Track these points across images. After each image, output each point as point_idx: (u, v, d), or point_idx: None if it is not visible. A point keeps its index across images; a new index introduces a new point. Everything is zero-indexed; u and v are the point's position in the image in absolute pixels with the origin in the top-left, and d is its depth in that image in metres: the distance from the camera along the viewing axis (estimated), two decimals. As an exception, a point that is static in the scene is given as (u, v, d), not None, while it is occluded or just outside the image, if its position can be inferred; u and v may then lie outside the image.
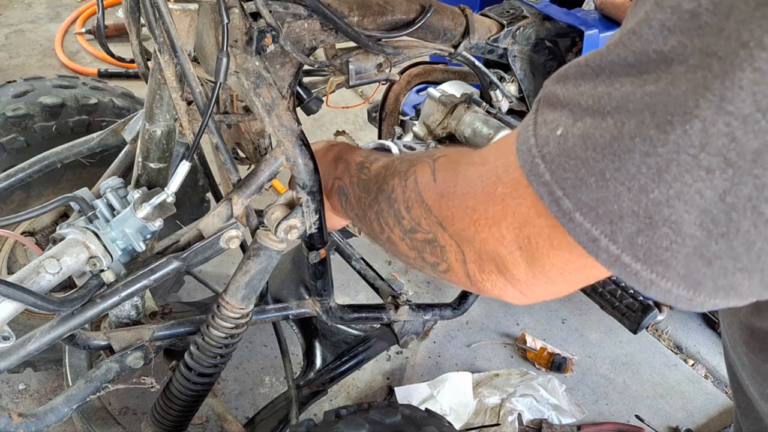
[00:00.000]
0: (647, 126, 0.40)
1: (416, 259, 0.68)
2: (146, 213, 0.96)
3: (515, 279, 0.56)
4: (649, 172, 0.40)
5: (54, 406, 1.06)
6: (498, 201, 0.54)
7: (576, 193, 0.44)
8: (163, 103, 1.08)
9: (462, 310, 1.56)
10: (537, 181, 0.47)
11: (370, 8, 1.04)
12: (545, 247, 0.51)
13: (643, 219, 0.41)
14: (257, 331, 2.01)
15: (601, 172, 0.42)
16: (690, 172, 0.39)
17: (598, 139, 0.43)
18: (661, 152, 0.39)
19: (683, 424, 1.94)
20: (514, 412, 1.82)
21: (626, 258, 0.43)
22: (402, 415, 1.12)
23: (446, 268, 0.63)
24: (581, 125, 0.44)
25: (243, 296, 1.06)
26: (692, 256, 0.41)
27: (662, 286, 0.43)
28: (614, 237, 0.43)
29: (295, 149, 0.92)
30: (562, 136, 0.46)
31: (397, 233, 0.69)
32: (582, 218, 0.45)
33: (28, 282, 0.89)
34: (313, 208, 0.96)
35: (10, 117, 1.44)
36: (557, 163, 0.46)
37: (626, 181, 0.41)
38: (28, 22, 3.53)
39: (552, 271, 0.52)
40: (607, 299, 1.58)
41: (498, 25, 1.32)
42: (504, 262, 0.55)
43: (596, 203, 0.43)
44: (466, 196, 0.58)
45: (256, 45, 0.89)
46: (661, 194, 0.40)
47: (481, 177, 0.57)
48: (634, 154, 0.41)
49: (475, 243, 0.58)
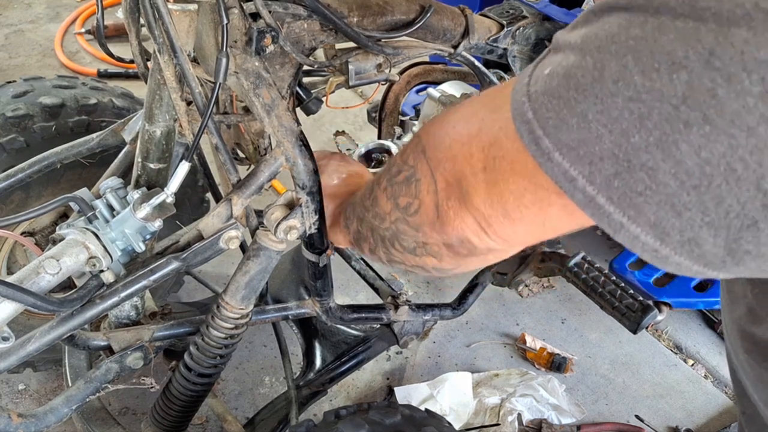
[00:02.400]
0: (631, 71, 0.40)
1: (391, 212, 0.69)
2: (146, 213, 0.96)
3: (475, 208, 0.56)
4: (632, 117, 0.40)
5: (54, 407, 1.06)
6: (477, 120, 0.56)
7: (557, 133, 0.45)
8: (162, 103, 1.08)
9: (462, 310, 1.56)
10: (520, 119, 0.48)
11: (369, 8, 1.04)
12: (507, 170, 0.51)
13: (622, 162, 0.42)
14: (257, 331, 2.01)
15: (584, 114, 0.43)
16: (669, 123, 0.39)
17: (580, 80, 0.43)
18: (645, 99, 0.39)
19: (683, 424, 1.94)
20: (514, 412, 1.82)
21: (601, 199, 0.44)
22: (402, 415, 1.12)
23: (417, 206, 0.64)
24: (565, 64, 0.45)
25: (243, 296, 1.06)
26: (663, 204, 0.41)
27: (631, 231, 0.44)
28: (592, 178, 0.44)
29: (295, 149, 0.92)
30: (549, 75, 0.46)
31: (383, 185, 0.70)
32: (561, 158, 0.45)
33: (27, 282, 0.89)
34: (312, 209, 0.96)
35: (9, 117, 1.44)
36: (540, 102, 0.46)
37: (608, 123, 0.42)
38: (27, 22, 3.53)
39: (509, 201, 0.52)
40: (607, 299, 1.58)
41: (498, 25, 1.32)
42: (467, 185, 0.56)
43: (577, 144, 0.44)
44: (453, 118, 0.60)
45: (256, 45, 0.89)
46: (642, 140, 0.40)
47: (473, 102, 0.60)
48: (617, 98, 0.41)
49: (446, 163, 0.59)
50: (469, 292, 1.63)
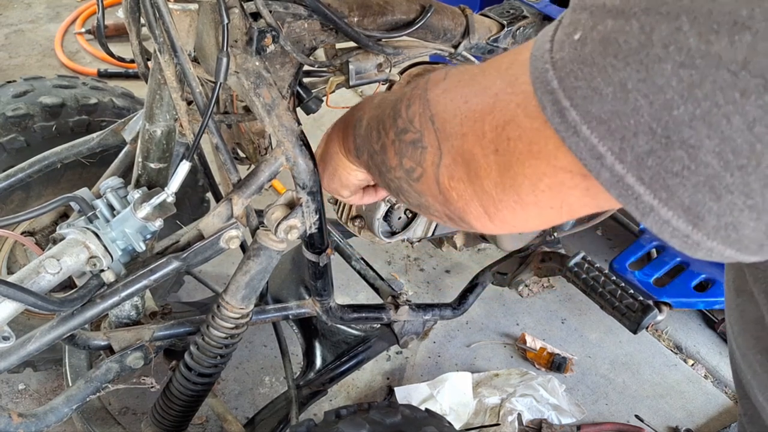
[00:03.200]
0: (686, 33, 0.35)
1: (396, 168, 0.64)
2: (146, 213, 0.96)
3: (483, 190, 0.52)
4: (680, 86, 0.36)
5: (54, 407, 1.06)
6: (491, 94, 0.50)
7: (586, 104, 0.40)
8: (163, 103, 1.08)
9: (462, 310, 1.56)
10: (542, 89, 0.43)
11: (370, 8, 1.04)
12: (523, 153, 0.47)
13: (659, 138, 0.37)
14: (257, 331, 2.01)
15: (622, 83, 0.38)
16: (723, 92, 0.35)
17: (622, 45, 0.38)
18: (699, 64, 0.35)
19: (683, 424, 1.94)
20: (514, 412, 1.82)
21: (630, 179, 0.40)
22: (402, 415, 1.12)
23: (420, 174, 0.60)
24: (602, 28, 0.40)
25: (243, 296, 1.06)
26: (702, 186, 0.37)
27: (662, 214, 0.40)
28: (622, 155, 0.39)
29: (295, 149, 0.92)
30: (579, 41, 0.41)
31: (391, 136, 0.65)
32: (589, 132, 0.41)
33: (28, 282, 0.89)
34: (313, 208, 0.96)
35: (10, 117, 1.44)
36: (568, 69, 0.41)
37: (651, 93, 0.37)
38: (27, 22, 3.53)
39: (524, 185, 0.48)
40: (607, 299, 1.58)
41: (498, 25, 1.32)
42: (476, 167, 0.51)
43: (609, 116, 0.39)
44: (465, 89, 0.55)
45: (256, 45, 0.89)
46: (686, 113, 0.36)
47: (485, 70, 0.54)
48: (666, 64, 0.36)
49: (455, 140, 0.54)
50: (469, 292, 1.63)
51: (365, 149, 0.74)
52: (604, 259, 2.35)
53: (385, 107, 0.69)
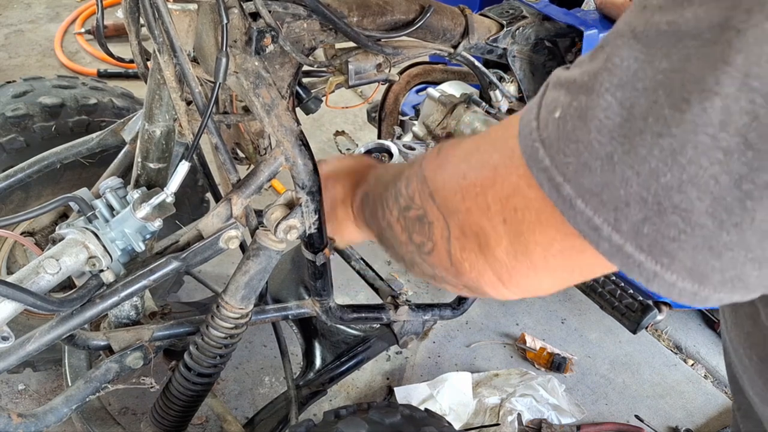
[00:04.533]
0: (661, 105, 0.37)
1: (406, 243, 0.66)
2: (146, 213, 0.96)
3: (495, 259, 0.53)
4: (662, 154, 0.37)
5: (53, 407, 1.06)
6: (489, 168, 0.52)
7: (578, 178, 0.42)
8: (162, 103, 1.08)
9: (461, 310, 1.56)
10: (536, 167, 0.45)
11: (369, 8, 1.04)
12: (532, 222, 0.48)
13: (651, 206, 0.38)
14: (257, 331, 2.01)
15: (608, 156, 0.39)
16: (707, 154, 0.36)
17: (603, 121, 0.40)
18: (676, 132, 0.36)
19: (683, 424, 1.94)
20: (514, 412, 1.82)
21: (629, 248, 0.41)
22: (401, 415, 1.12)
23: (431, 248, 0.61)
24: (577, 105, 0.42)
25: (242, 296, 1.06)
26: (701, 248, 0.38)
27: (666, 279, 0.41)
28: (618, 225, 0.41)
29: (295, 149, 0.92)
30: (560, 119, 0.43)
31: (394, 214, 0.67)
32: (584, 205, 0.42)
33: (27, 282, 0.89)
34: (312, 209, 0.96)
35: (9, 117, 1.44)
36: (557, 147, 0.43)
37: (635, 164, 0.38)
38: (27, 22, 3.53)
39: (535, 251, 0.49)
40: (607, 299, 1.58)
41: (497, 25, 1.32)
42: (486, 238, 0.52)
43: (600, 189, 0.41)
44: (461, 164, 0.56)
45: (256, 45, 0.89)
46: (674, 178, 0.37)
47: (479, 146, 0.56)
48: (646, 135, 0.38)
49: (460, 214, 0.55)
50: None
51: (374, 225, 0.77)
52: (603, 259, 2.34)
53: (386, 183, 0.72)
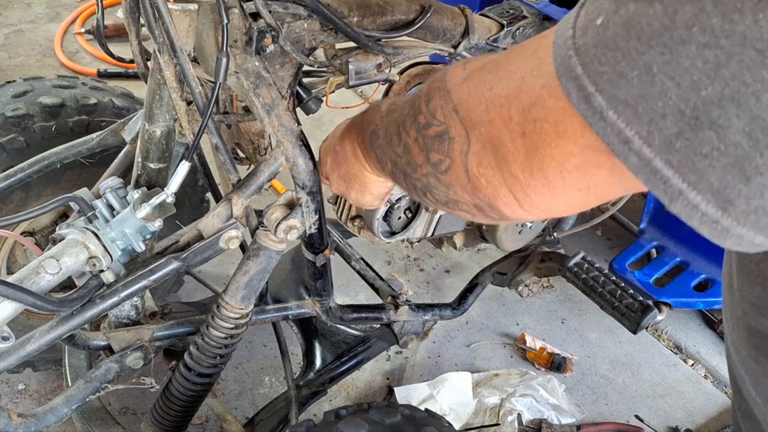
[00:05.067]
0: (709, 14, 0.35)
1: (423, 164, 0.64)
2: (146, 213, 0.96)
3: (512, 175, 0.52)
4: (706, 66, 0.36)
5: (53, 407, 1.06)
6: (516, 79, 0.51)
7: (612, 88, 0.40)
8: (162, 103, 1.08)
9: (461, 310, 1.56)
10: (566, 75, 0.43)
11: (369, 8, 1.04)
12: (549, 134, 0.47)
13: (688, 119, 0.37)
14: (257, 331, 2.01)
15: (647, 66, 0.38)
16: (751, 70, 0.34)
17: (645, 28, 0.38)
18: (724, 44, 0.35)
19: (683, 424, 1.94)
20: (514, 412, 1.82)
21: (658, 163, 0.39)
22: (401, 415, 1.12)
23: (448, 165, 0.59)
24: (624, 12, 0.40)
25: (243, 296, 1.06)
26: (731, 168, 0.37)
27: (690, 199, 0.39)
28: (650, 138, 0.39)
29: (295, 149, 0.92)
30: (602, 26, 0.41)
31: (412, 135, 0.65)
32: (616, 117, 0.40)
33: (27, 282, 0.89)
34: (312, 209, 0.96)
35: (9, 117, 1.44)
36: (592, 54, 0.41)
37: (677, 75, 0.37)
38: (27, 22, 3.53)
39: (551, 167, 0.48)
40: (607, 299, 1.58)
41: (498, 25, 1.32)
42: (504, 152, 0.51)
43: (636, 100, 0.39)
44: (488, 75, 0.55)
45: (256, 45, 0.89)
46: (715, 92, 0.36)
47: (509, 58, 0.54)
48: (691, 45, 0.36)
49: (482, 126, 0.54)
50: (469, 292, 1.63)
51: (388, 158, 0.74)
52: (604, 259, 2.35)
53: (401, 109, 0.69)
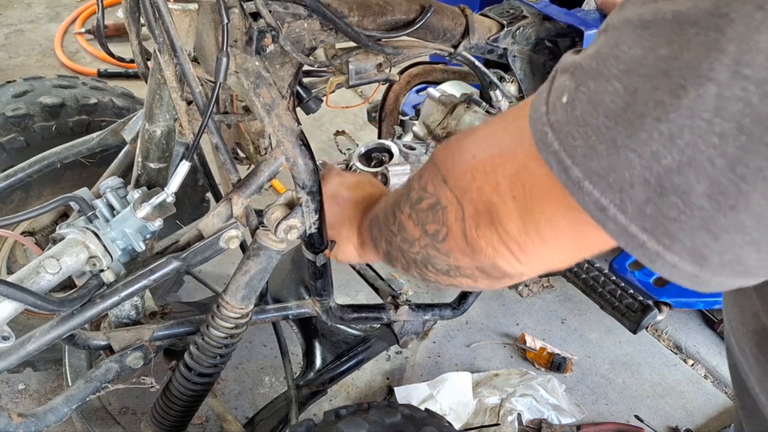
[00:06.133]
0: (660, 90, 0.39)
1: (420, 238, 0.68)
2: (146, 213, 0.96)
3: (507, 234, 0.55)
4: (662, 138, 0.39)
5: (53, 406, 1.06)
6: (499, 147, 0.55)
7: (586, 161, 0.44)
8: (162, 103, 1.08)
9: (462, 310, 1.56)
10: (546, 149, 0.47)
11: (369, 8, 1.04)
12: (539, 198, 0.51)
13: (654, 187, 0.40)
14: (257, 331, 2.01)
15: (613, 140, 0.41)
16: (703, 138, 0.37)
17: (610, 106, 0.41)
18: (674, 117, 0.38)
19: (683, 424, 1.94)
20: (514, 412, 1.82)
21: (634, 228, 0.43)
22: (402, 414, 1.12)
23: (445, 233, 0.63)
24: (584, 89, 0.43)
25: (243, 296, 1.06)
26: (699, 229, 0.40)
27: (668, 259, 0.42)
28: (623, 206, 0.42)
29: (295, 149, 0.92)
30: (568, 104, 0.45)
31: (406, 211, 0.69)
32: (591, 187, 0.44)
33: (27, 282, 0.89)
34: (312, 208, 0.96)
35: (9, 117, 1.44)
36: (566, 131, 0.45)
37: (638, 147, 0.40)
38: (27, 21, 3.53)
39: (544, 225, 0.52)
40: (607, 299, 1.58)
41: (498, 25, 1.32)
42: (498, 214, 0.55)
43: (606, 171, 0.42)
44: (471, 146, 0.59)
45: (256, 45, 0.89)
46: (673, 161, 0.39)
47: (490, 129, 0.59)
48: (646, 119, 0.39)
49: (472, 193, 0.58)
50: (469, 292, 1.63)
51: (382, 238, 0.79)
52: (604, 258, 2.34)
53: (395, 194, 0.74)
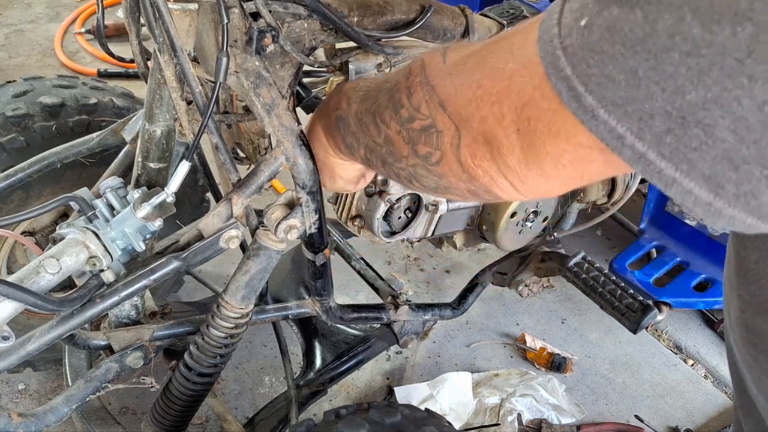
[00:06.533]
0: (689, 24, 0.37)
1: (409, 156, 0.65)
2: (146, 213, 0.96)
3: (508, 167, 0.54)
4: (689, 73, 0.38)
5: (53, 406, 1.06)
6: (505, 77, 0.52)
7: (601, 90, 0.42)
8: (162, 103, 1.08)
9: (462, 310, 1.56)
10: (556, 75, 0.45)
11: (370, 8, 1.04)
12: (543, 133, 0.49)
13: (675, 119, 0.40)
14: (257, 331, 2.01)
15: (633, 71, 0.40)
16: (731, 78, 0.37)
17: (628, 34, 0.40)
18: (705, 53, 0.37)
19: (683, 424, 1.94)
20: (514, 412, 1.82)
21: (652, 155, 0.42)
22: (401, 415, 1.12)
23: (439, 157, 0.61)
24: (607, 15, 0.42)
25: (243, 296, 1.06)
26: (720, 158, 0.39)
27: (684, 185, 0.42)
28: (641, 134, 0.42)
29: (295, 149, 0.92)
30: (586, 27, 0.43)
31: (394, 127, 0.66)
32: (607, 115, 0.43)
33: (27, 282, 0.89)
34: (312, 208, 0.96)
35: (9, 117, 1.44)
36: (580, 56, 0.43)
37: (662, 81, 0.39)
38: (27, 21, 3.53)
39: (546, 161, 0.51)
40: (607, 299, 1.58)
41: (498, 25, 1.32)
42: (499, 146, 0.54)
43: (625, 101, 0.41)
44: (474, 71, 0.56)
45: (256, 45, 0.89)
46: (698, 97, 0.38)
47: (494, 52, 0.55)
48: (674, 53, 0.38)
49: (473, 122, 0.56)
50: (469, 292, 1.63)
51: (360, 145, 0.75)
52: (604, 259, 2.35)
53: (374, 99, 0.70)
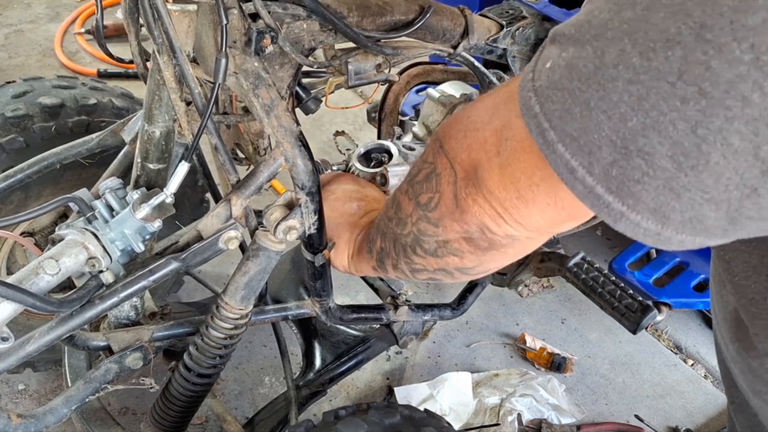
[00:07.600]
0: (629, 54, 0.40)
1: (412, 213, 0.70)
2: (145, 214, 0.96)
3: (489, 192, 0.57)
4: (630, 99, 0.41)
5: (53, 407, 1.06)
6: (491, 109, 0.58)
7: (561, 124, 0.45)
8: (162, 103, 1.08)
9: (461, 310, 1.56)
10: (528, 114, 0.48)
11: (369, 9, 1.04)
12: (517, 150, 0.53)
13: (619, 149, 0.42)
14: (257, 332, 2.01)
15: (586, 102, 0.43)
16: (666, 101, 0.39)
17: (582, 69, 0.43)
18: (643, 79, 0.40)
19: (683, 424, 1.94)
20: (514, 412, 1.82)
21: (600, 190, 0.45)
22: (401, 415, 1.12)
23: (437, 200, 0.65)
24: (565, 55, 0.45)
25: (242, 297, 1.06)
26: (662, 188, 0.42)
27: (631, 218, 0.44)
28: (591, 168, 0.44)
29: (294, 150, 0.92)
30: (550, 69, 0.47)
31: (404, 188, 0.72)
32: (563, 149, 0.45)
33: (27, 283, 0.89)
34: (312, 209, 0.96)
35: (9, 117, 1.44)
36: (546, 95, 0.46)
37: (608, 109, 0.42)
38: (27, 22, 3.53)
39: (521, 180, 0.53)
40: (607, 299, 1.58)
41: (497, 25, 1.32)
42: (482, 170, 0.57)
43: (578, 133, 0.44)
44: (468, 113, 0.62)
45: (255, 46, 0.89)
46: (638, 123, 0.41)
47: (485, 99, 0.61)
48: (618, 82, 0.41)
49: (462, 153, 0.60)
50: (469, 292, 1.63)
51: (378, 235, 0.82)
52: (603, 259, 2.35)
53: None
